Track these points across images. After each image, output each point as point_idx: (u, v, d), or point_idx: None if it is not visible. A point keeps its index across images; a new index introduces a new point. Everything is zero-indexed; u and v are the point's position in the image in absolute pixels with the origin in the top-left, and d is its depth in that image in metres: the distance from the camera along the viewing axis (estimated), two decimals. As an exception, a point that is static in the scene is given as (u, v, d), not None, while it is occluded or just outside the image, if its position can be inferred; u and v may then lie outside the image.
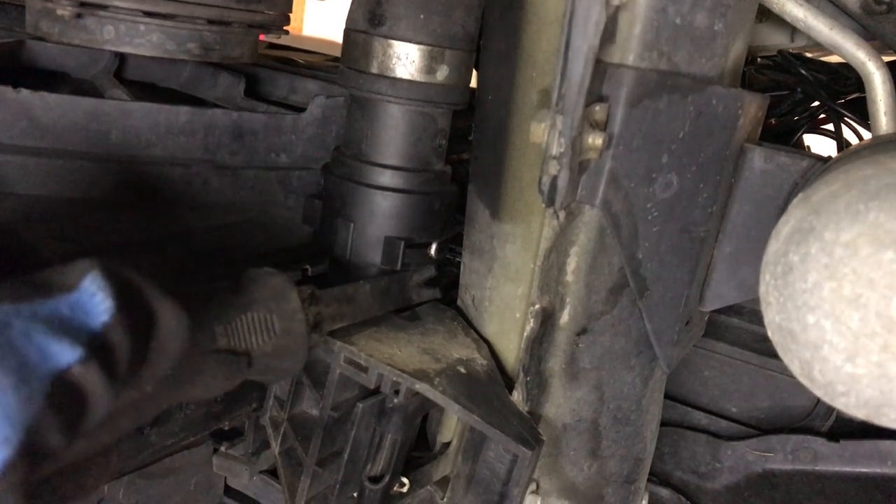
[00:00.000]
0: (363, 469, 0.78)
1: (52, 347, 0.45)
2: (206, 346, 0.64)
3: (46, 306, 0.47)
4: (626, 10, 0.64)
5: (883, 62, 0.75)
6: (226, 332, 0.66)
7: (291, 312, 0.71)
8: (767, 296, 0.56)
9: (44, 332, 0.45)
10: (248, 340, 0.68)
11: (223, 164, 0.99)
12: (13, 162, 0.87)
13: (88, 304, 0.48)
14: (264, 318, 0.69)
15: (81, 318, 0.47)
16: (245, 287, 0.71)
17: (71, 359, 0.45)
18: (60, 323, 0.46)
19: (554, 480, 0.83)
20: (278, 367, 0.73)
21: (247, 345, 0.68)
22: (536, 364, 0.78)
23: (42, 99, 0.88)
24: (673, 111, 0.67)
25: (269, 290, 0.72)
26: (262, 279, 0.73)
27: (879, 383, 0.51)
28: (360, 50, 0.89)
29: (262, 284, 0.72)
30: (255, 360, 0.69)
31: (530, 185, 0.74)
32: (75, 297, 0.48)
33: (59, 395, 0.44)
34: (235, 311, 0.68)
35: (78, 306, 0.48)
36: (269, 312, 0.70)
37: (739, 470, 1.09)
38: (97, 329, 0.48)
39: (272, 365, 0.71)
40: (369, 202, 0.91)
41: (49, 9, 0.87)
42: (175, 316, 0.55)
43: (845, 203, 0.52)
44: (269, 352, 0.69)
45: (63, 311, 0.47)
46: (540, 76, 0.71)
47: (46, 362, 0.44)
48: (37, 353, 0.44)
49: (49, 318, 0.46)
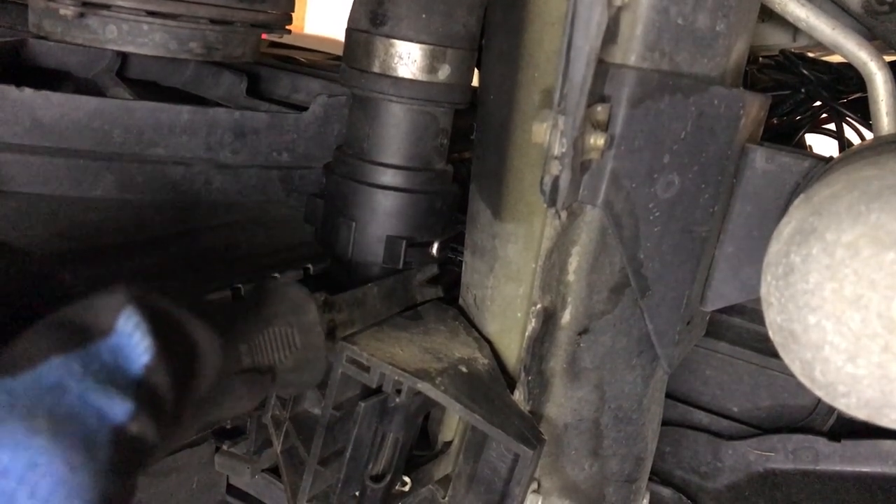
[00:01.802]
0: (365, 468, 0.78)
1: (105, 405, 0.44)
2: (233, 367, 0.64)
3: (90, 356, 0.45)
4: (627, 10, 0.64)
5: (885, 62, 0.76)
6: (250, 351, 0.66)
7: (311, 325, 0.71)
8: (769, 296, 0.56)
9: (95, 390, 0.44)
10: (271, 356, 0.68)
11: (225, 163, 0.99)
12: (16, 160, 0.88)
13: (128, 347, 0.47)
14: (285, 332, 0.69)
15: (123, 364, 0.46)
16: (264, 300, 0.71)
17: (123, 414, 0.44)
18: (106, 374, 0.45)
19: (555, 479, 0.83)
20: (299, 380, 0.72)
21: (270, 361, 0.67)
22: (538, 363, 0.78)
23: (45, 98, 0.88)
24: (675, 111, 0.67)
25: (289, 304, 0.71)
26: (281, 291, 0.72)
27: (880, 384, 0.52)
28: (362, 49, 0.89)
29: (281, 297, 0.71)
30: (279, 375, 0.68)
31: (532, 185, 0.74)
32: (114, 341, 0.47)
33: (121, 457, 0.44)
34: (257, 328, 0.67)
35: (118, 350, 0.47)
36: (290, 326, 0.69)
37: (740, 469, 1.09)
38: (140, 373, 0.47)
39: (294, 379, 0.71)
40: (371, 201, 0.91)
41: (52, 8, 0.88)
42: (211, 341, 0.54)
43: (847, 204, 0.52)
44: (291, 366, 0.69)
45: (105, 358, 0.46)
46: (542, 76, 0.71)
47: (104, 425, 0.44)
48: (94, 417, 0.43)
49: (96, 372, 0.45)
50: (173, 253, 0.85)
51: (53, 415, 0.42)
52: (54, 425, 0.41)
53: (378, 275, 0.92)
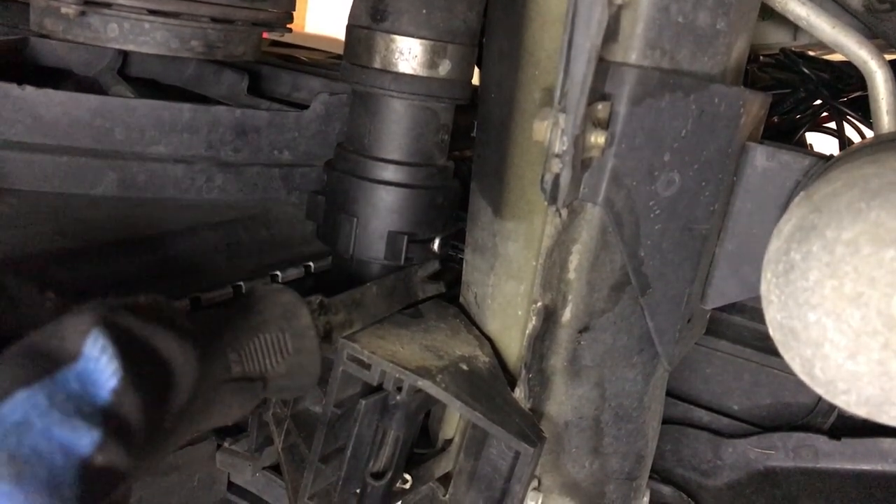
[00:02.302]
0: (366, 465, 0.78)
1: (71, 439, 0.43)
2: (222, 376, 0.63)
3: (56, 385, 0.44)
4: (628, 8, 0.64)
5: (885, 61, 0.76)
6: (240, 359, 0.65)
7: (303, 329, 0.70)
8: (769, 294, 0.56)
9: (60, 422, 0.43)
10: (262, 363, 0.67)
11: (226, 161, 0.99)
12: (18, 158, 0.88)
13: (95, 372, 0.46)
14: (276, 338, 0.68)
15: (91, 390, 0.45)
16: (254, 306, 0.70)
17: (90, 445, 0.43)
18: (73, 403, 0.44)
19: (556, 477, 0.83)
20: (293, 385, 0.72)
21: (261, 368, 0.67)
22: (538, 361, 0.78)
23: (46, 96, 0.88)
24: (675, 109, 0.67)
25: (279, 309, 0.70)
26: (271, 297, 0.72)
27: (880, 381, 0.52)
28: (363, 45, 0.89)
29: (272, 302, 0.71)
30: (270, 382, 0.68)
31: (533, 182, 0.74)
32: (81, 367, 0.46)
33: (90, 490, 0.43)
34: (247, 335, 0.66)
35: (85, 376, 0.45)
36: (281, 332, 0.69)
37: (741, 467, 1.09)
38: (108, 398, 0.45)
39: (287, 384, 0.71)
40: (372, 197, 0.91)
41: (53, 7, 0.88)
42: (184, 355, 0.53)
43: (847, 201, 0.52)
44: (284, 372, 0.69)
45: (72, 386, 0.45)
46: (542, 74, 0.71)
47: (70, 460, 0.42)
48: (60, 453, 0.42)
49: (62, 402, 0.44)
50: (175, 251, 0.86)
51: (17, 456, 0.40)
52: (18, 467, 0.40)
53: (379, 271, 0.92)
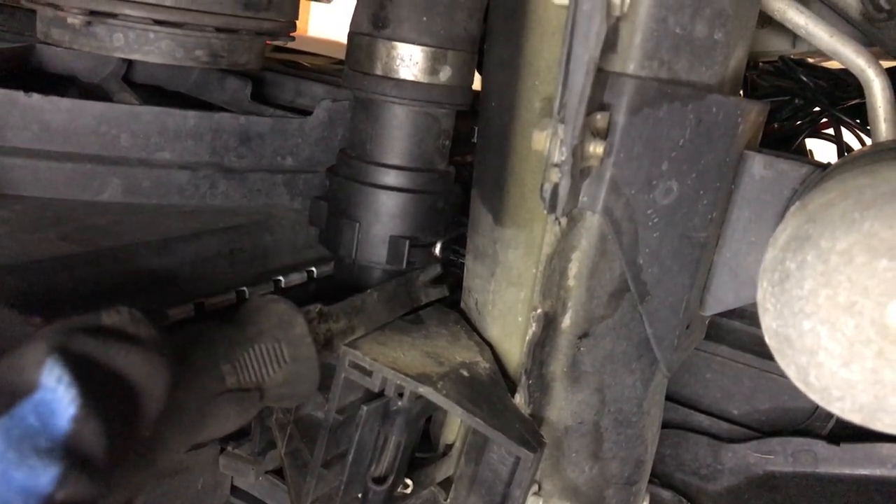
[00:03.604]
0: (367, 470, 0.79)
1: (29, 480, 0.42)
2: (215, 388, 0.63)
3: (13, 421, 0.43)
4: (626, 20, 0.65)
5: (882, 69, 0.76)
6: (234, 370, 0.65)
7: (299, 338, 0.71)
8: (765, 302, 0.57)
9: (17, 463, 0.42)
10: (259, 373, 0.67)
11: (230, 167, 1.00)
12: (23, 165, 0.88)
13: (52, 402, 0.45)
14: (272, 347, 0.68)
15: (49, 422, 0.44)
16: (249, 317, 0.70)
17: (49, 482, 0.42)
18: (29, 440, 0.43)
19: (556, 482, 0.84)
20: (292, 393, 0.72)
21: (257, 378, 0.67)
22: (538, 367, 0.79)
23: (52, 103, 0.89)
24: (673, 119, 0.68)
25: (275, 318, 0.71)
26: (266, 307, 0.72)
27: (874, 388, 0.52)
28: (364, 52, 0.90)
29: (267, 313, 0.71)
30: (267, 391, 0.68)
31: (532, 191, 0.75)
32: (38, 398, 0.44)
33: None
34: (242, 347, 0.67)
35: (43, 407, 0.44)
36: (277, 341, 0.69)
37: (740, 472, 1.09)
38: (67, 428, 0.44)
39: (286, 392, 0.71)
40: (374, 202, 0.92)
41: (59, 17, 0.89)
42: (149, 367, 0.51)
43: (841, 212, 0.53)
44: (281, 381, 0.69)
45: (29, 420, 0.44)
46: (542, 84, 0.72)
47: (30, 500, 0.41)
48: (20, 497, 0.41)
49: (18, 441, 0.42)
50: (179, 257, 0.86)
51: None
52: None
53: (381, 276, 0.93)
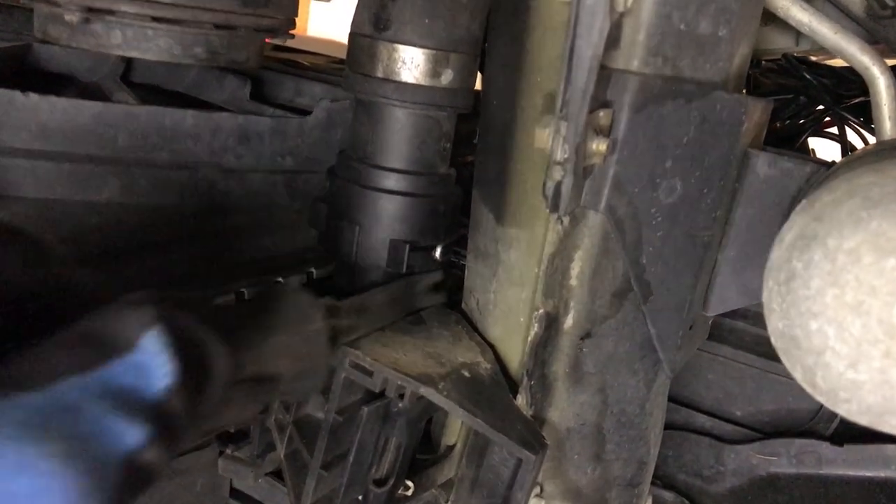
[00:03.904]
0: (368, 472, 0.79)
1: (121, 431, 0.43)
2: (235, 376, 0.62)
3: (110, 374, 0.45)
4: (630, 16, 0.65)
5: (887, 66, 0.76)
6: (254, 360, 0.65)
7: (316, 334, 0.71)
8: (771, 302, 0.56)
9: (111, 411, 0.43)
10: (275, 364, 0.67)
11: (229, 167, 0.99)
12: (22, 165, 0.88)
13: (150, 367, 0.46)
14: (290, 340, 0.69)
15: (143, 385, 0.46)
16: (270, 308, 0.70)
17: (138, 440, 0.44)
18: (125, 395, 0.44)
19: (558, 484, 0.83)
20: (301, 387, 0.72)
21: (273, 369, 0.67)
22: (540, 368, 0.78)
23: (50, 103, 0.89)
24: (677, 117, 0.67)
25: (294, 311, 0.71)
26: (289, 299, 0.72)
27: (882, 390, 0.52)
28: (366, 54, 0.89)
29: (288, 305, 0.71)
30: (282, 383, 0.68)
31: (535, 189, 0.74)
32: (137, 359, 0.46)
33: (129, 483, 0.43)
34: (262, 337, 0.66)
35: (140, 369, 0.46)
36: (296, 334, 0.69)
37: (743, 473, 1.09)
38: (160, 395, 0.46)
39: (296, 386, 0.71)
40: (374, 205, 0.92)
41: (57, 14, 0.88)
42: (224, 359, 0.53)
43: (848, 210, 0.52)
44: (295, 373, 0.69)
45: (126, 378, 0.45)
46: (545, 81, 0.71)
47: (117, 451, 0.43)
48: (109, 443, 0.43)
49: (115, 392, 0.44)
50: (177, 257, 0.86)
51: (68, 438, 0.41)
52: (68, 449, 0.40)
53: (381, 279, 0.92)
